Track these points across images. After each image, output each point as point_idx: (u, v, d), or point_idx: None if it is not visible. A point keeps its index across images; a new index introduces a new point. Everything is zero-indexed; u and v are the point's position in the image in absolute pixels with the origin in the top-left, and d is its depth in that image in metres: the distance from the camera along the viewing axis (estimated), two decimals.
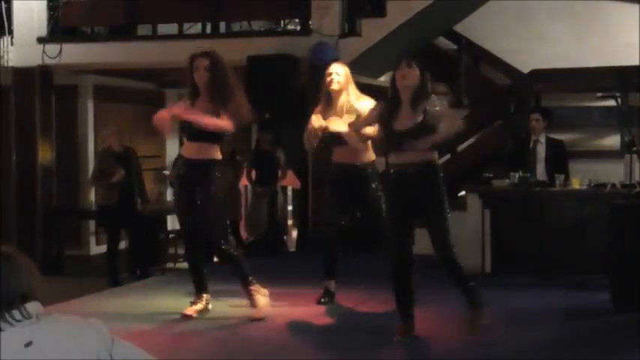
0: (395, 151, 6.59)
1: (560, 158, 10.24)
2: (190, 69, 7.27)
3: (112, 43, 12.75)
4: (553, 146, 10.29)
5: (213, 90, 7.21)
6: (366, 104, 7.56)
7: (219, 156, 7.36)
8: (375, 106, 7.05)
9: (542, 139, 10.28)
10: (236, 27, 13.20)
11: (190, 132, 7.32)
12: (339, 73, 7.72)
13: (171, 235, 13.25)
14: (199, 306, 7.56)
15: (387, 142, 6.67)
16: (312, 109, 7.97)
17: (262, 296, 7.48)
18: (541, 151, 10.24)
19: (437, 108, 6.52)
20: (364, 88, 8.12)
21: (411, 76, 6.48)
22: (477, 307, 6.69)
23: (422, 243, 6.92)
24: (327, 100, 7.77)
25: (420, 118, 6.45)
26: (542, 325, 7.16)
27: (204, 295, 7.63)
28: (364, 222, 8.11)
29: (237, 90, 7.34)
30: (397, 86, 6.53)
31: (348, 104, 7.66)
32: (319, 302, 8.01)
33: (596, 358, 6.33)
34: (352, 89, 7.78)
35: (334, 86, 7.69)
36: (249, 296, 7.47)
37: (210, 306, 7.65)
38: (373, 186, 7.67)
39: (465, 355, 6.42)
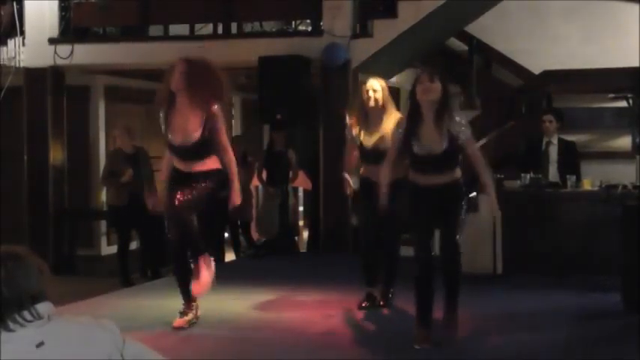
0: (421, 173, 6.50)
1: (571, 159, 10.23)
2: (168, 77, 6.95)
3: (124, 44, 12.77)
4: (565, 147, 10.27)
5: (191, 96, 6.84)
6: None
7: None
8: (398, 125, 6.74)
9: (555, 140, 10.26)
10: (247, 28, 13.20)
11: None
12: (375, 89, 7.55)
13: None
14: (190, 316, 7.18)
15: (411, 162, 6.53)
16: (339, 112, 7.91)
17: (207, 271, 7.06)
18: (553, 152, 10.22)
19: (463, 129, 6.36)
20: None
21: (433, 90, 6.30)
22: (449, 321, 6.62)
23: (435, 245, 6.90)
24: (365, 115, 7.61)
25: (445, 142, 6.30)
26: (553, 326, 7.14)
27: (194, 304, 7.26)
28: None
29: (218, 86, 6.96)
30: (418, 100, 6.36)
31: (392, 121, 7.38)
32: (360, 307, 7.80)
33: (607, 358, 6.32)
34: (391, 105, 7.64)
35: (372, 103, 7.53)
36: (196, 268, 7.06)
37: (199, 313, 7.27)
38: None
39: (476, 355, 6.41)
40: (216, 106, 6.89)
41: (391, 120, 7.43)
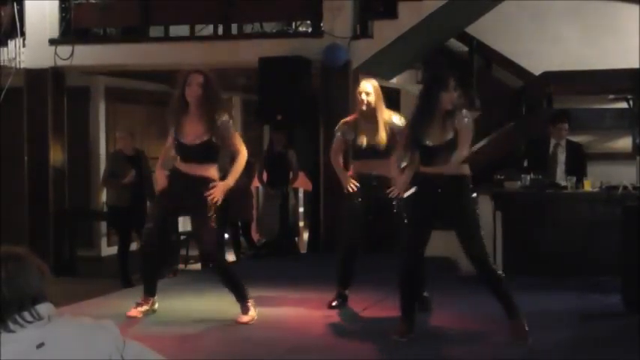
0: (427, 165, 6.60)
1: (578, 161, 10.20)
2: (182, 85, 7.22)
3: (124, 45, 12.78)
4: (572, 149, 10.26)
5: (205, 106, 7.16)
6: (395, 120, 7.70)
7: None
8: (405, 127, 7.03)
9: (563, 142, 10.25)
10: (248, 29, 13.20)
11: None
12: (368, 92, 7.70)
13: (182, 237, 13.27)
14: (145, 307, 7.63)
15: (419, 155, 6.65)
16: (334, 117, 8.00)
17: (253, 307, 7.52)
18: (561, 154, 10.21)
19: (465, 120, 6.52)
20: None
21: (452, 99, 6.48)
22: (513, 317, 6.67)
23: (437, 246, 6.92)
24: (361, 116, 7.78)
25: (450, 134, 6.47)
26: (553, 327, 7.14)
27: (152, 299, 7.73)
28: (377, 221, 8.03)
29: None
30: (440, 105, 6.47)
31: (384, 119, 7.68)
32: (331, 306, 7.95)
33: (607, 359, 6.32)
34: (381, 104, 7.76)
35: (364, 107, 7.69)
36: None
37: (156, 306, 7.72)
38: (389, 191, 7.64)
39: (476, 356, 6.41)
40: (226, 116, 7.26)
41: (384, 118, 7.69)
